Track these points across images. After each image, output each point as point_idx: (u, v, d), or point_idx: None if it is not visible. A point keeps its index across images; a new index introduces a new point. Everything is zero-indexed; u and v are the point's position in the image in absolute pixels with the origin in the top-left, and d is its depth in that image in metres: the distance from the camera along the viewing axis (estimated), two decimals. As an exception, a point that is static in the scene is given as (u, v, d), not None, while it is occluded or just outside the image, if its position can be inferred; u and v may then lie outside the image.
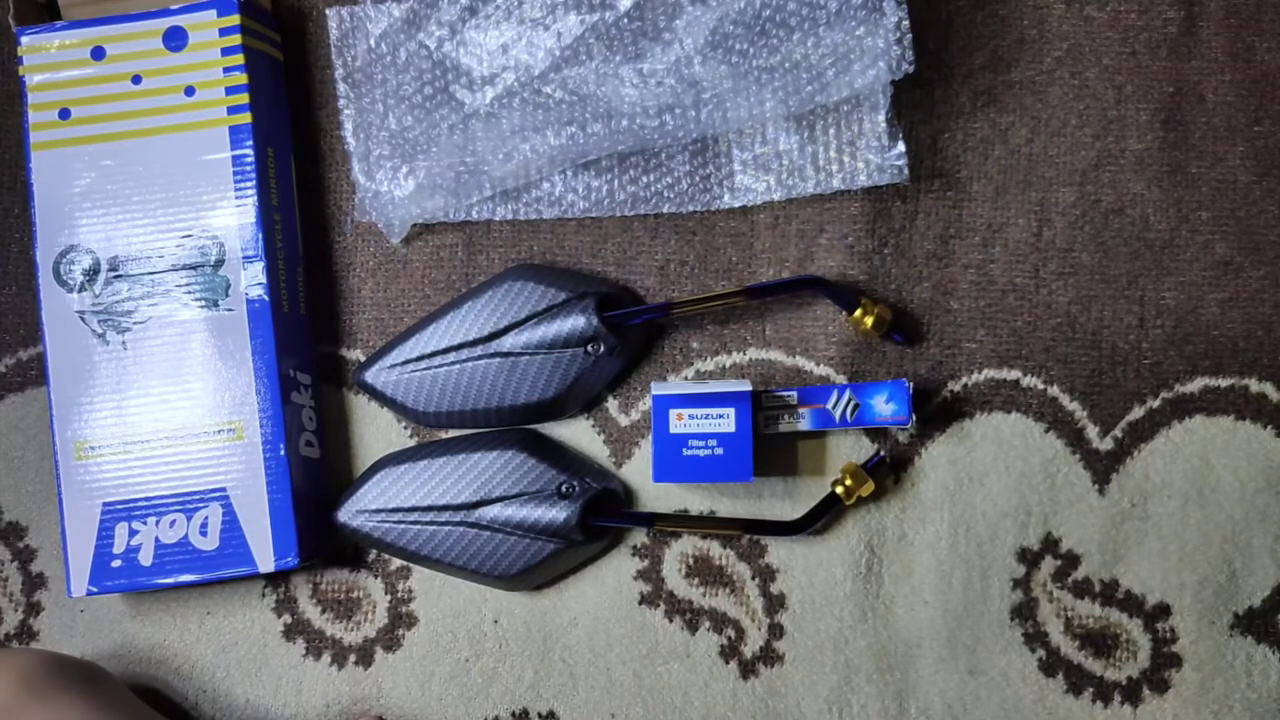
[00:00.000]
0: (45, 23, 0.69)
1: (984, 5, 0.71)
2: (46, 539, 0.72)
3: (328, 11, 0.71)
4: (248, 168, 0.68)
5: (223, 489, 0.67)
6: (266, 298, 0.68)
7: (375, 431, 0.72)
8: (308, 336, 0.71)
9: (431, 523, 0.68)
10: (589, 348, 0.68)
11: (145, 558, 0.67)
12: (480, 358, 0.69)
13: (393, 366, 0.70)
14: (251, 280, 0.68)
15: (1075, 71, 0.71)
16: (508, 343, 0.69)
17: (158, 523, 0.67)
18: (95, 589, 0.67)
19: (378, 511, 0.69)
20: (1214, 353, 0.70)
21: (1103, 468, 0.70)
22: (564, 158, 0.68)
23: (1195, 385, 0.70)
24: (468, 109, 0.69)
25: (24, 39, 0.69)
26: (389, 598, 0.71)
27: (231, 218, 0.68)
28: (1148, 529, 0.69)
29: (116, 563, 0.67)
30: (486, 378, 0.69)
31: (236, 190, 0.68)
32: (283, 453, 0.67)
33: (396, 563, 0.71)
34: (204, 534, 0.67)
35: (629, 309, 0.69)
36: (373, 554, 0.71)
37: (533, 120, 0.68)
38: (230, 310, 0.68)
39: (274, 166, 0.69)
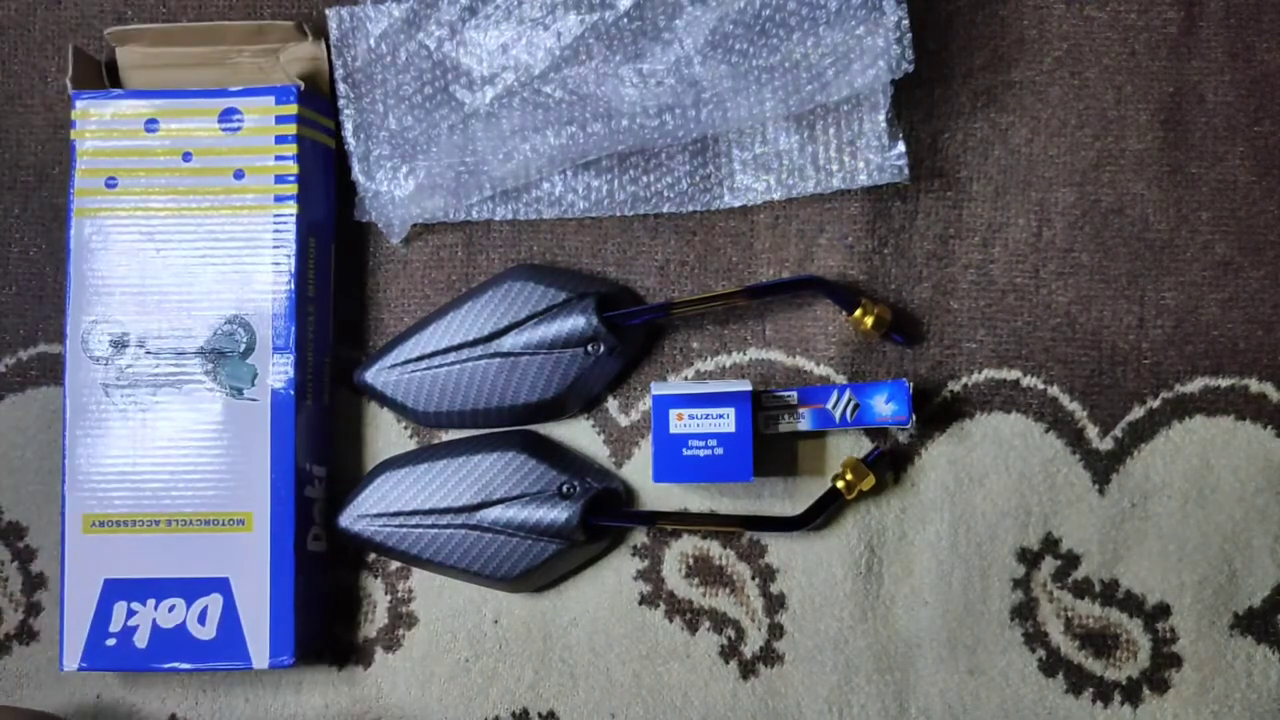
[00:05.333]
0: (103, 88, 0.69)
1: (984, 5, 0.71)
2: (46, 539, 0.71)
3: (328, 11, 0.71)
4: (288, 258, 0.67)
5: (225, 579, 0.66)
6: (292, 393, 0.67)
7: (375, 431, 0.72)
8: (328, 428, 0.71)
9: (433, 526, 0.68)
10: (589, 348, 0.68)
11: (141, 640, 0.66)
12: (480, 358, 0.69)
13: (393, 366, 0.70)
14: (278, 372, 0.67)
15: (1075, 71, 0.71)
16: (508, 343, 0.69)
17: (156, 605, 0.66)
18: (86, 665, 0.66)
19: (379, 516, 0.69)
20: (1214, 353, 0.70)
21: (1103, 468, 0.70)
22: (564, 158, 0.68)
23: (1195, 385, 0.70)
24: (468, 109, 0.69)
25: (79, 103, 0.68)
26: (389, 598, 0.71)
27: (265, 306, 0.67)
28: (1148, 529, 0.69)
29: (111, 641, 0.66)
30: (486, 378, 0.69)
31: (274, 280, 0.67)
32: (290, 549, 0.66)
33: (396, 563, 0.71)
34: (202, 623, 0.66)
35: (629, 309, 0.69)
36: (373, 555, 0.71)
37: (533, 120, 0.68)
38: (254, 400, 0.67)
39: (314, 257, 0.69)
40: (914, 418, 0.67)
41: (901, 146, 0.68)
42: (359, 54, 0.71)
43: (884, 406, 0.67)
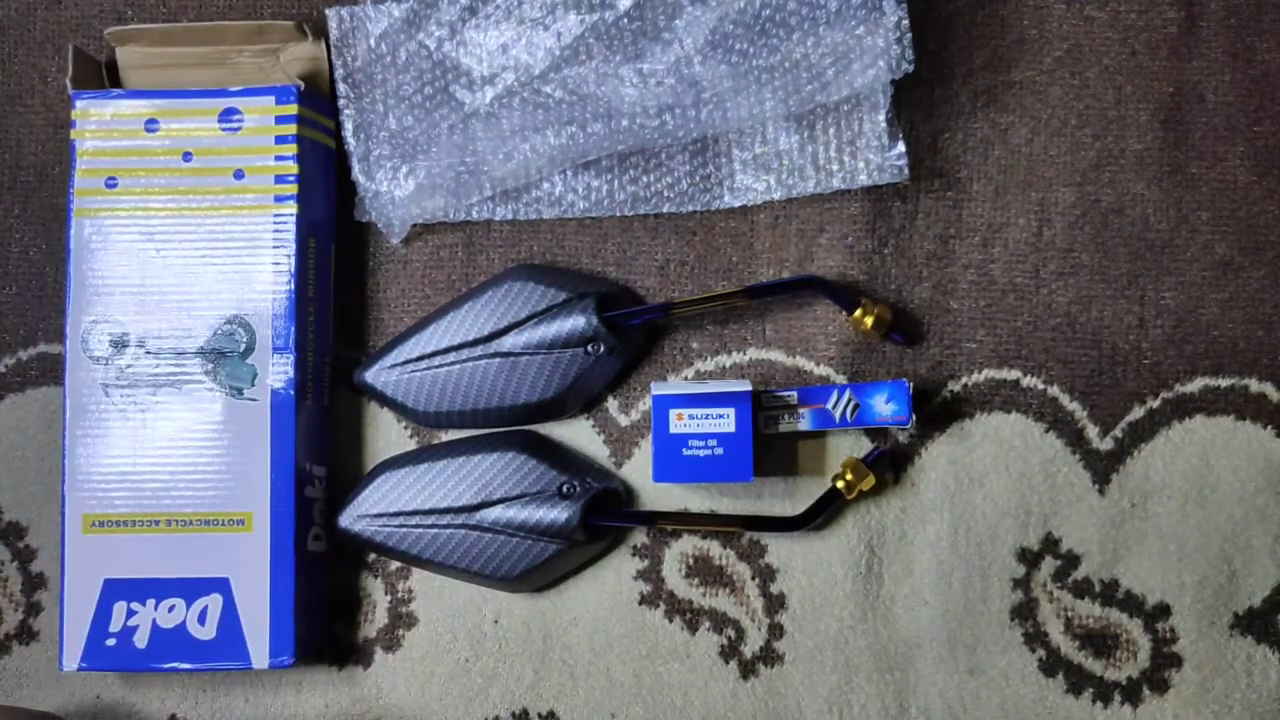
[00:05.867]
0: (103, 88, 0.69)
1: (984, 5, 0.71)
2: (47, 539, 0.72)
3: (328, 11, 0.71)
4: (288, 258, 0.67)
5: (225, 579, 0.66)
6: (292, 392, 0.67)
7: (375, 431, 0.72)
8: (328, 428, 0.71)
9: (433, 526, 0.68)
10: (589, 348, 0.68)
11: (141, 640, 0.66)
12: (480, 358, 0.69)
13: (393, 366, 0.70)
14: (278, 372, 0.67)
15: (1075, 71, 0.71)
16: (508, 343, 0.69)
17: (156, 605, 0.66)
18: (86, 665, 0.66)
19: (379, 516, 0.69)
20: (1214, 353, 0.70)
21: (1103, 468, 0.70)
22: (564, 158, 0.68)
23: (1195, 385, 0.70)
24: (468, 109, 0.69)
25: (79, 103, 0.68)
26: (389, 598, 0.71)
27: (265, 306, 0.67)
28: (1148, 529, 0.69)
29: (111, 641, 0.66)
30: (486, 378, 0.69)
31: (274, 280, 0.67)
32: (290, 549, 0.66)
33: (397, 563, 0.71)
34: (202, 623, 0.66)
35: (629, 309, 0.69)
36: (373, 555, 0.71)
37: (533, 120, 0.68)
38: (254, 400, 0.67)
39: (314, 258, 0.69)
40: (914, 418, 0.67)
41: (901, 146, 0.68)
42: (359, 54, 0.71)
43: (884, 406, 0.67)
